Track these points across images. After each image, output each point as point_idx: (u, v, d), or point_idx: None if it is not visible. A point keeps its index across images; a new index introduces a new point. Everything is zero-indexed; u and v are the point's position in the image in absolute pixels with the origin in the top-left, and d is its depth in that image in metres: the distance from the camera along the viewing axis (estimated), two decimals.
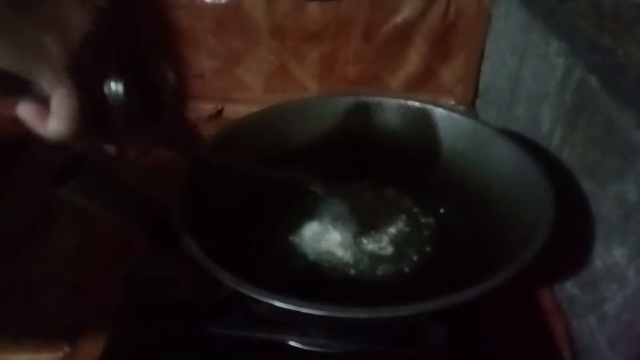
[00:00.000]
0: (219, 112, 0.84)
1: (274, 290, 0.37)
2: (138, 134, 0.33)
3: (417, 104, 0.59)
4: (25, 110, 0.29)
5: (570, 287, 0.50)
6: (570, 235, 0.47)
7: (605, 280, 0.44)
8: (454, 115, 0.58)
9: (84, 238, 0.58)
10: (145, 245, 0.47)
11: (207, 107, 0.84)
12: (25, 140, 0.68)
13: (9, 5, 0.26)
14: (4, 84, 0.28)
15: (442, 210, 0.57)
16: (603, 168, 0.44)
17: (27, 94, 0.29)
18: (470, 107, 0.82)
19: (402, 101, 0.60)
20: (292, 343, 0.45)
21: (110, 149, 0.33)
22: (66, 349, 0.47)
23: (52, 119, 0.29)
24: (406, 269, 0.52)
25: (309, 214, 0.57)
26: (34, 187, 0.60)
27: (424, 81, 0.82)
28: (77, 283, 0.53)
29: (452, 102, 0.83)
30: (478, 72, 0.79)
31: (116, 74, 0.30)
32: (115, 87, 0.30)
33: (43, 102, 0.29)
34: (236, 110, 0.80)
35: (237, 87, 0.83)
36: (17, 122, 0.29)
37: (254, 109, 0.62)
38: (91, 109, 0.29)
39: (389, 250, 0.53)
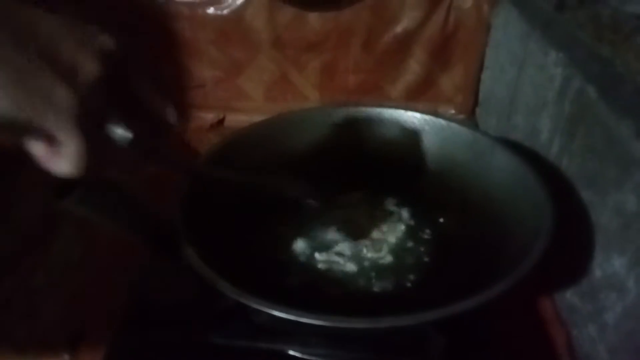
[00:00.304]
0: (221, 121, 0.85)
1: (275, 299, 0.37)
2: (137, 163, 0.35)
3: (416, 114, 0.60)
4: (37, 150, 0.30)
5: (570, 297, 0.50)
6: (570, 244, 0.47)
7: (605, 289, 0.44)
8: (453, 125, 0.58)
9: (86, 247, 0.58)
10: (147, 255, 0.48)
11: (208, 116, 0.84)
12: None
13: (24, 53, 0.27)
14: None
15: (441, 220, 0.57)
16: (602, 177, 0.44)
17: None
18: (470, 116, 0.83)
19: (401, 111, 0.61)
20: (292, 352, 0.45)
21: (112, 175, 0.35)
22: (67, 357, 0.48)
23: (61, 160, 0.29)
24: (405, 279, 0.52)
25: (310, 224, 0.57)
26: (37, 196, 0.61)
27: (424, 90, 0.82)
28: (79, 292, 0.53)
29: (452, 111, 0.83)
30: (478, 81, 0.80)
31: (118, 116, 0.31)
32: (117, 129, 0.31)
33: (52, 141, 0.29)
34: (237, 119, 0.80)
35: (239, 97, 0.84)
36: None
37: (255, 118, 0.63)
38: (95, 148, 0.30)
39: (389, 260, 0.53)
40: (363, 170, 0.61)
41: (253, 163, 0.56)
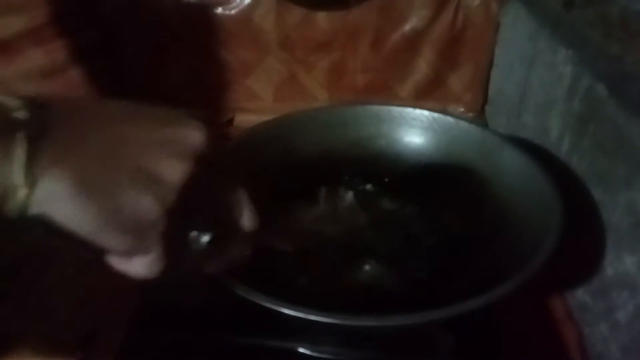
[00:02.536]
0: (230, 121, 0.85)
1: (284, 298, 0.37)
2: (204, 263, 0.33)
3: (425, 112, 0.60)
4: (115, 262, 0.27)
5: (581, 295, 0.50)
6: (581, 243, 0.47)
7: (617, 288, 0.44)
8: (462, 123, 0.58)
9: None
10: None
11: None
12: None
13: (109, 172, 0.24)
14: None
15: (450, 219, 0.57)
16: (612, 176, 0.44)
17: None
18: (479, 115, 0.82)
19: (410, 109, 0.61)
20: (302, 350, 0.45)
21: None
22: (79, 358, 0.48)
23: (137, 265, 0.27)
24: (415, 278, 0.52)
25: (318, 223, 0.57)
26: None
27: (432, 89, 0.82)
28: (90, 292, 0.54)
29: (462, 110, 0.83)
30: (487, 79, 0.80)
31: (197, 219, 0.29)
32: (196, 235, 0.29)
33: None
34: (246, 120, 0.81)
35: (248, 97, 0.84)
36: None
37: (264, 118, 0.63)
38: (171, 252, 0.27)
39: (397, 258, 0.53)
40: (371, 168, 0.61)
41: (260, 163, 0.56)
